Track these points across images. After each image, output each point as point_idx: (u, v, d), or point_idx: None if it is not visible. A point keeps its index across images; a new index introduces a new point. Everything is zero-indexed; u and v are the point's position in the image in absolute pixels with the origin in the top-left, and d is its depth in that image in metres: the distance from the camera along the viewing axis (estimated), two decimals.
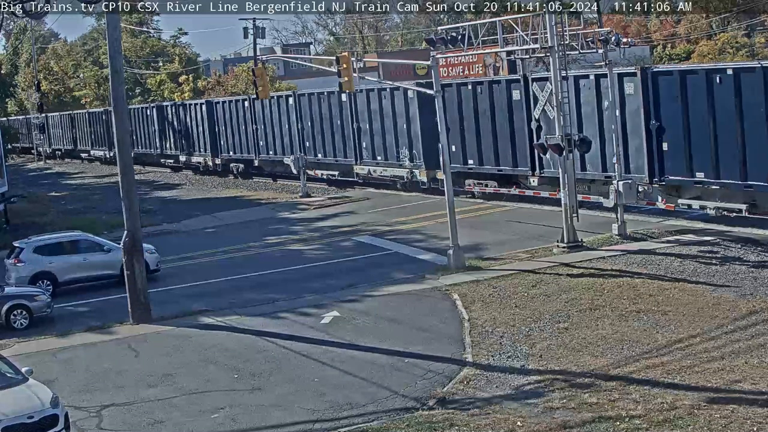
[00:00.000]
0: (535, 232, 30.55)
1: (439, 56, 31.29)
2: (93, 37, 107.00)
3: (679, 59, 70.91)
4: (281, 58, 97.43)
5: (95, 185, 62.53)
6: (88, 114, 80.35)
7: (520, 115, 34.67)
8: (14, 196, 45.94)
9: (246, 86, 70.19)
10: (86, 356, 22.08)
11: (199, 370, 20.28)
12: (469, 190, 37.94)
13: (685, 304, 21.47)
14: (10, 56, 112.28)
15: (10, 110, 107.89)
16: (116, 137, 25.49)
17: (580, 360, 18.65)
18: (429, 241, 31.48)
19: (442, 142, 27.85)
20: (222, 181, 56.33)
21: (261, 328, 22.92)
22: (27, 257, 28.61)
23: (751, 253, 25.36)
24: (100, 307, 26.89)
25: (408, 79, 57.01)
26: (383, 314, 23.25)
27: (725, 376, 17.04)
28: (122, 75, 25.72)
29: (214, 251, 33.85)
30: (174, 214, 43.75)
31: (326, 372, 19.36)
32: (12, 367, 17.48)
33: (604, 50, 28.66)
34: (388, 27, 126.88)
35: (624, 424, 15.17)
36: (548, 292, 23.54)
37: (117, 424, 17.57)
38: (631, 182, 28.77)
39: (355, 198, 43.27)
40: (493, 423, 15.79)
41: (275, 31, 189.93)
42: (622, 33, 56.47)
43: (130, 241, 24.76)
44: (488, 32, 32.43)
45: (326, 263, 30.11)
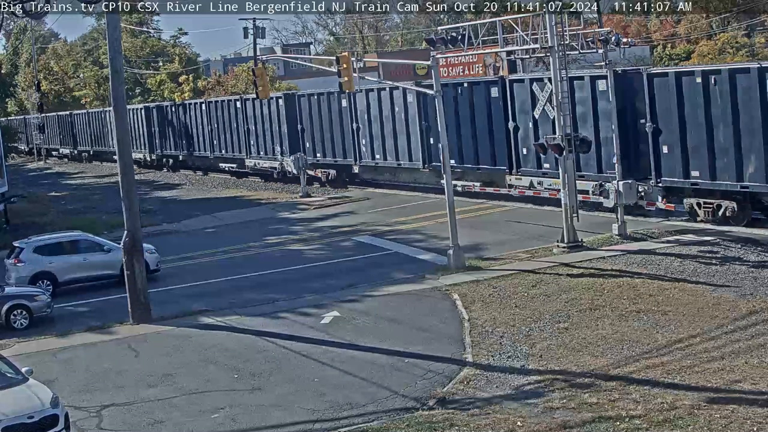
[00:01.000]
0: (535, 232, 30.55)
1: (439, 56, 31.29)
2: (93, 37, 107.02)
3: (679, 59, 70.86)
4: (281, 58, 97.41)
5: (95, 185, 62.52)
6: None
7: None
8: (14, 196, 45.93)
9: (246, 86, 70.20)
10: (86, 356, 22.08)
11: (199, 370, 20.28)
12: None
13: (685, 304, 21.47)
14: (10, 56, 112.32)
15: (10, 110, 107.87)
16: (116, 137, 25.50)
17: (580, 360, 18.65)
18: (429, 241, 31.48)
19: (443, 142, 27.86)
20: (222, 181, 56.36)
21: (261, 328, 22.92)
22: (27, 257, 28.61)
23: (751, 253, 25.37)
24: (100, 307, 26.89)
25: (408, 80, 57.01)
26: (383, 314, 23.24)
27: (725, 376, 17.04)
28: (122, 75, 25.72)
29: (214, 251, 33.85)
30: (174, 214, 43.75)
31: (326, 372, 19.36)
32: (12, 367, 17.47)
33: (604, 50, 28.66)
34: (388, 27, 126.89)
35: (624, 424, 15.17)
36: (548, 292, 23.54)
37: (117, 424, 17.56)
38: (632, 182, 28.77)
39: (355, 198, 43.28)
40: (493, 423, 15.79)
41: (275, 31, 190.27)
42: (622, 33, 56.43)
43: (130, 241, 24.76)
44: (488, 32, 32.44)
45: (326, 263, 30.11)
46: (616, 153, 29.29)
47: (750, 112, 26.92)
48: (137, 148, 65.83)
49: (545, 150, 28.65)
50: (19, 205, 47.23)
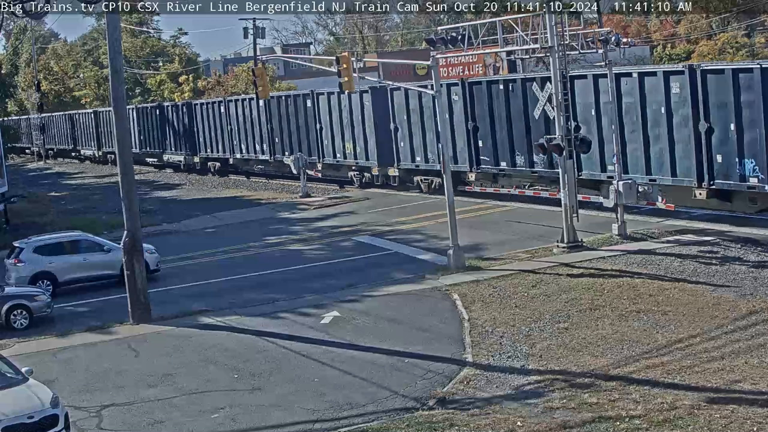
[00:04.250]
0: (535, 232, 30.55)
1: (439, 56, 31.27)
2: (93, 37, 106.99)
3: (678, 59, 70.79)
4: (281, 58, 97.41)
5: (95, 185, 62.52)
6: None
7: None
8: (14, 196, 45.94)
9: (246, 86, 70.20)
10: (86, 356, 22.08)
11: (199, 370, 20.28)
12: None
13: (685, 304, 21.47)
14: (10, 56, 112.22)
15: (10, 110, 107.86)
16: (116, 137, 25.47)
17: (580, 360, 18.65)
18: (429, 241, 31.48)
19: (443, 142, 27.88)
20: (222, 181, 56.36)
21: (261, 328, 22.92)
22: (27, 257, 28.61)
23: (751, 253, 25.36)
24: (100, 307, 26.88)
25: (408, 80, 56.94)
26: (383, 314, 23.25)
27: (725, 376, 17.04)
28: (122, 75, 25.72)
29: (214, 251, 33.85)
30: (174, 214, 43.75)
31: (326, 372, 19.36)
32: (12, 367, 17.47)
33: (604, 50, 28.64)
34: (388, 27, 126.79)
35: (624, 424, 15.17)
36: (548, 292, 23.54)
37: (117, 424, 17.57)
38: (632, 182, 28.77)
39: (355, 198, 43.27)
40: (493, 423, 15.79)
41: (275, 31, 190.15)
42: (622, 33, 56.47)
43: (130, 241, 24.76)
44: (488, 32, 32.45)
45: (326, 263, 30.11)
46: (616, 153, 29.29)
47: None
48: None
49: (545, 150, 28.63)
50: (19, 205, 47.23)
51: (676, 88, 28.95)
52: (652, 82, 29.82)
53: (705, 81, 28.11)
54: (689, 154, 28.88)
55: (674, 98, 29.07)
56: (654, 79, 29.85)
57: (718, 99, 27.78)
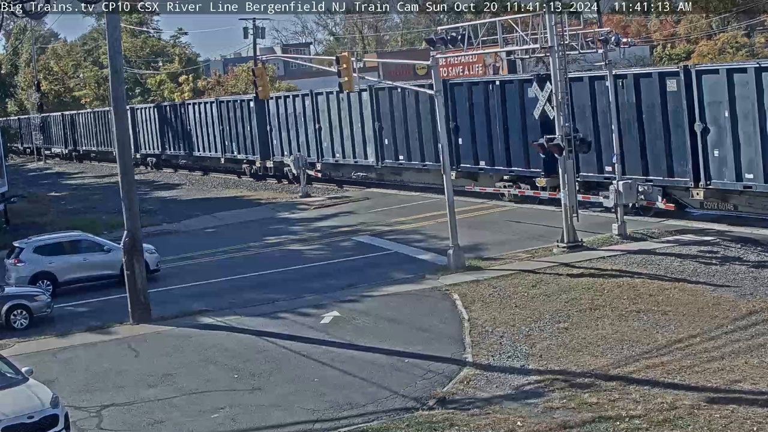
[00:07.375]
0: (535, 232, 30.54)
1: (439, 56, 31.25)
2: (93, 37, 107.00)
3: (678, 59, 70.80)
4: (281, 58, 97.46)
5: (95, 185, 62.50)
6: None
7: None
8: (14, 196, 45.91)
9: (246, 86, 70.17)
10: (86, 356, 22.08)
11: (199, 370, 20.28)
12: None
13: (685, 304, 21.47)
14: (10, 56, 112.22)
15: (10, 110, 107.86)
16: (116, 137, 25.48)
17: (580, 360, 18.65)
18: (429, 241, 31.48)
19: (443, 143, 27.86)
20: (222, 181, 56.36)
21: (261, 328, 22.92)
22: (27, 257, 28.61)
23: (751, 253, 25.36)
24: (100, 307, 26.89)
25: (408, 80, 56.89)
26: (383, 314, 23.25)
27: (725, 376, 17.05)
28: (122, 75, 25.72)
29: (214, 251, 33.84)
30: (174, 214, 43.74)
31: (326, 372, 19.36)
32: (12, 367, 17.48)
33: (604, 50, 28.65)
34: (388, 27, 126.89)
35: (624, 424, 15.18)
36: (548, 292, 23.54)
37: (117, 424, 17.57)
38: (632, 182, 28.78)
39: (354, 198, 43.27)
40: (493, 423, 15.79)
41: (275, 31, 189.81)
42: (622, 33, 56.44)
43: (130, 241, 24.76)
44: (488, 32, 32.42)
45: (326, 263, 30.11)
46: (616, 153, 29.28)
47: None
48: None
49: (545, 150, 28.61)
50: (19, 205, 47.21)
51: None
52: (647, 82, 29.91)
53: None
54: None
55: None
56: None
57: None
